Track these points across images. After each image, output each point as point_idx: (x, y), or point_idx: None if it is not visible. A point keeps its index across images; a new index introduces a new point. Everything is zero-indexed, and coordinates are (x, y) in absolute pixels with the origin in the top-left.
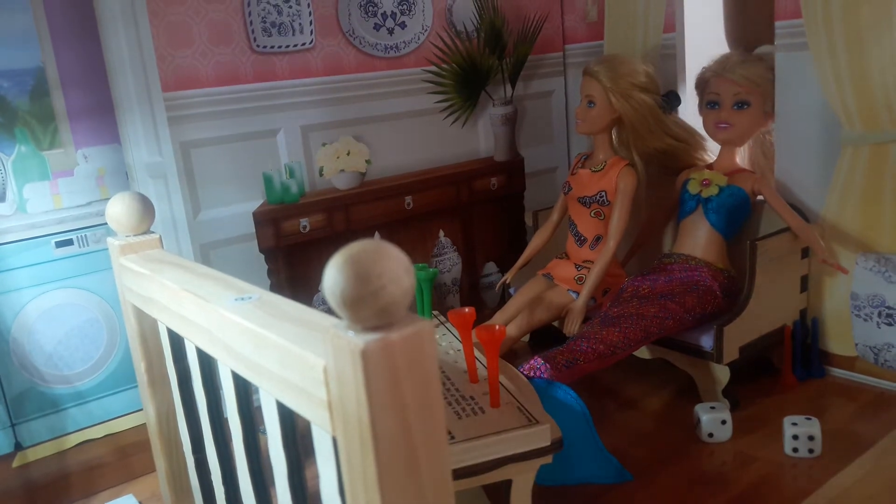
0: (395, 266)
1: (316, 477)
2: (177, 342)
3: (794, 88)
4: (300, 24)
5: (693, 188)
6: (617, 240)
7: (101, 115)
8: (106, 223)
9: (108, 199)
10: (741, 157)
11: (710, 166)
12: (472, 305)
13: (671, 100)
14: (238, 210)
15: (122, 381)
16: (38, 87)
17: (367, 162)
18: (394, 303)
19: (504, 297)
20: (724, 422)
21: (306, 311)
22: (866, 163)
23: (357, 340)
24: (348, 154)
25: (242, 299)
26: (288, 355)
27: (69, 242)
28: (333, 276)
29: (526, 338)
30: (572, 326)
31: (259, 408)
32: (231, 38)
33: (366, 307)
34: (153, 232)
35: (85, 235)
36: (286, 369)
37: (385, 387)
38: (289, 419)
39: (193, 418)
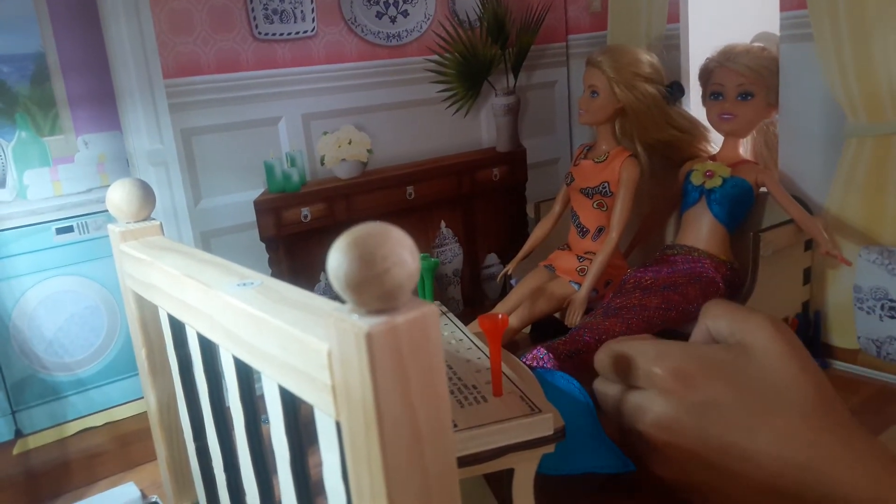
0: (400, 249)
1: (318, 465)
2: (178, 329)
3: (799, 79)
4: (302, 11)
5: (696, 179)
6: (619, 231)
7: (101, 101)
8: (106, 210)
9: (109, 185)
10: (744, 148)
11: (713, 157)
12: (474, 297)
13: (675, 90)
14: (239, 198)
15: (123, 368)
16: (38, 73)
17: (369, 151)
18: (399, 286)
19: (505, 289)
20: None
21: (309, 296)
22: (870, 154)
23: (361, 324)
24: (350, 143)
25: (245, 285)
26: (291, 340)
27: (69, 229)
28: (338, 258)
29: (527, 329)
30: (574, 317)
31: (261, 396)
32: (232, 25)
33: (370, 290)
34: (154, 219)
35: (85, 222)
36: (289, 354)
37: (390, 370)
38: (291, 405)
39: (194, 406)
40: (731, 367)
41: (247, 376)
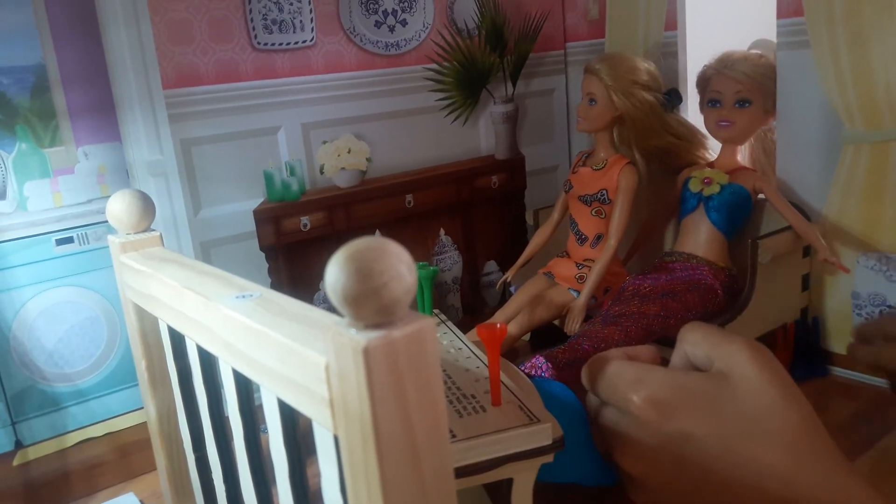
0: (397, 263)
1: (317, 476)
2: (177, 340)
3: (796, 87)
4: (301, 21)
5: (694, 186)
6: (618, 238)
7: (101, 112)
8: (106, 221)
9: (109, 196)
10: (742, 155)
11: (711, 164)
12: (473, 304)
13: (672, 98)
14: (239, 208)
15: (123, 379)
16: (38, 85)
17: (368, 160)
18: (396, 300)
19: (505, 296)
20: None
21: (308, 308)
22: (868, 161)
23: (359, 338)
24: (349, 152)
25: (244, 297)
26: (289, 353)
27: (70, 240)
28: (335, 273)
29: (527, 336)
30: (573, 325)
31: (260, 406)
32: (232, 36)
33: (368, 304)
34: (153, 230)
35: (85, 233)
36: (287, 367)
37: (387, 384)
38: (290, 417)
39: (194, 417)
40: (711, 397)
41: (246, 388)
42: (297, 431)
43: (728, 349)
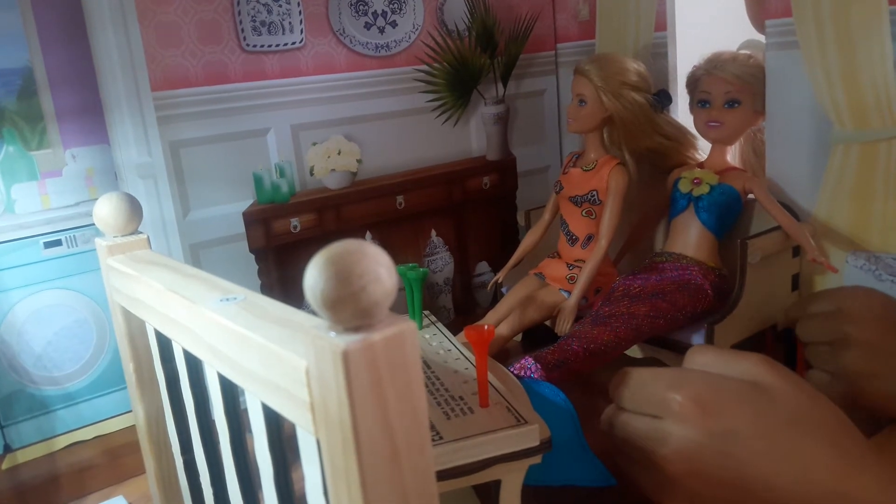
0: (375, 266)
1: (303, 479)
2: (164, 343)
3: (785, 87)
4: (290, 22)
5: (684, 187)
6: (608, 239)
7: (89, 114)
8: (94, 223)
9: (97, 199)
10: (732, 155)
11: (701, 165)
12: (465, 305)
13: (662, 98)
14: (228, 210)
15: (112, 382)
16: (25, 87)
17: (358, 161)
18: (375, 303)
19: (496, 297)
20: None
21: (290, 311)
22: (857, 161)
23: (338, 341)
24: (339, 153)
25: (227, 300)
26: (271, 357)
27: (58, 243)
28: (314, 276)
29: (518, 337)
30: (564, 325)
31: (246, 410)
32: (220, 38)
33: (346, 308)
34: (141, 232)
35: (73, 236)
36: (270, 371)
37: (366, 388)
38: (274, 421)
39: (182, 420)
40: (751, 396)
41: (231, 392)
42: (282, 435)
43: (744, 364)
